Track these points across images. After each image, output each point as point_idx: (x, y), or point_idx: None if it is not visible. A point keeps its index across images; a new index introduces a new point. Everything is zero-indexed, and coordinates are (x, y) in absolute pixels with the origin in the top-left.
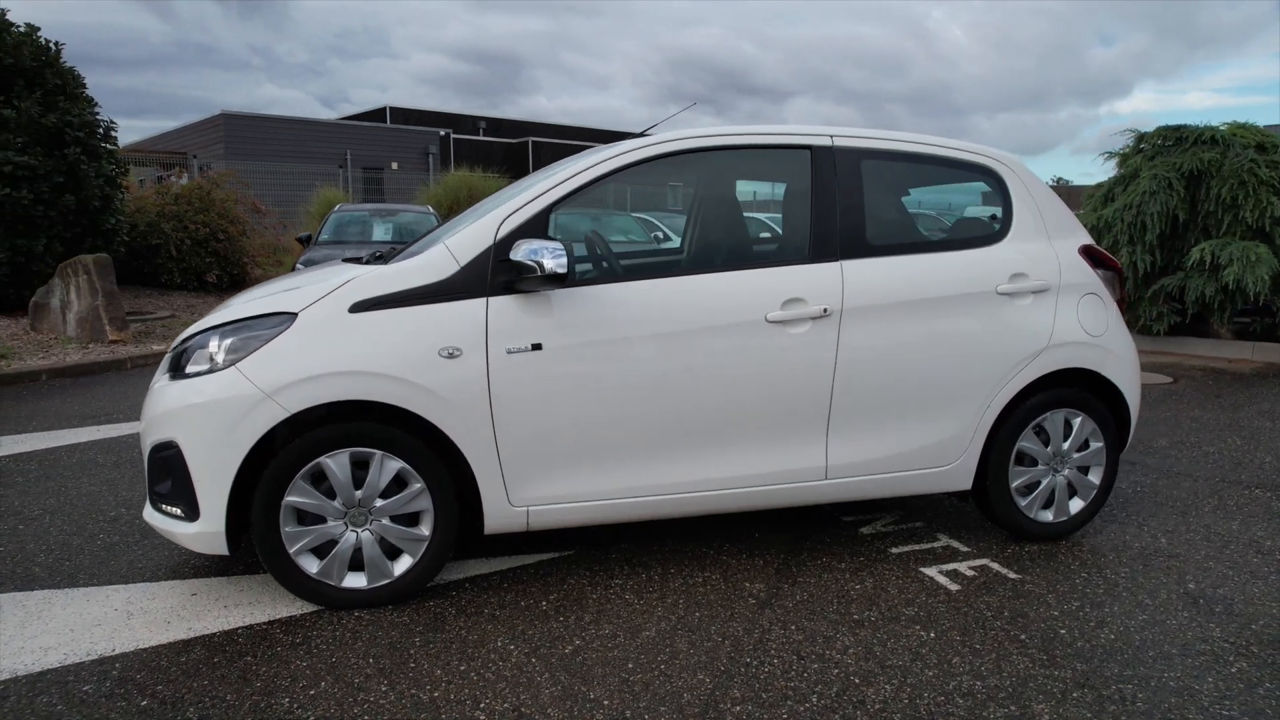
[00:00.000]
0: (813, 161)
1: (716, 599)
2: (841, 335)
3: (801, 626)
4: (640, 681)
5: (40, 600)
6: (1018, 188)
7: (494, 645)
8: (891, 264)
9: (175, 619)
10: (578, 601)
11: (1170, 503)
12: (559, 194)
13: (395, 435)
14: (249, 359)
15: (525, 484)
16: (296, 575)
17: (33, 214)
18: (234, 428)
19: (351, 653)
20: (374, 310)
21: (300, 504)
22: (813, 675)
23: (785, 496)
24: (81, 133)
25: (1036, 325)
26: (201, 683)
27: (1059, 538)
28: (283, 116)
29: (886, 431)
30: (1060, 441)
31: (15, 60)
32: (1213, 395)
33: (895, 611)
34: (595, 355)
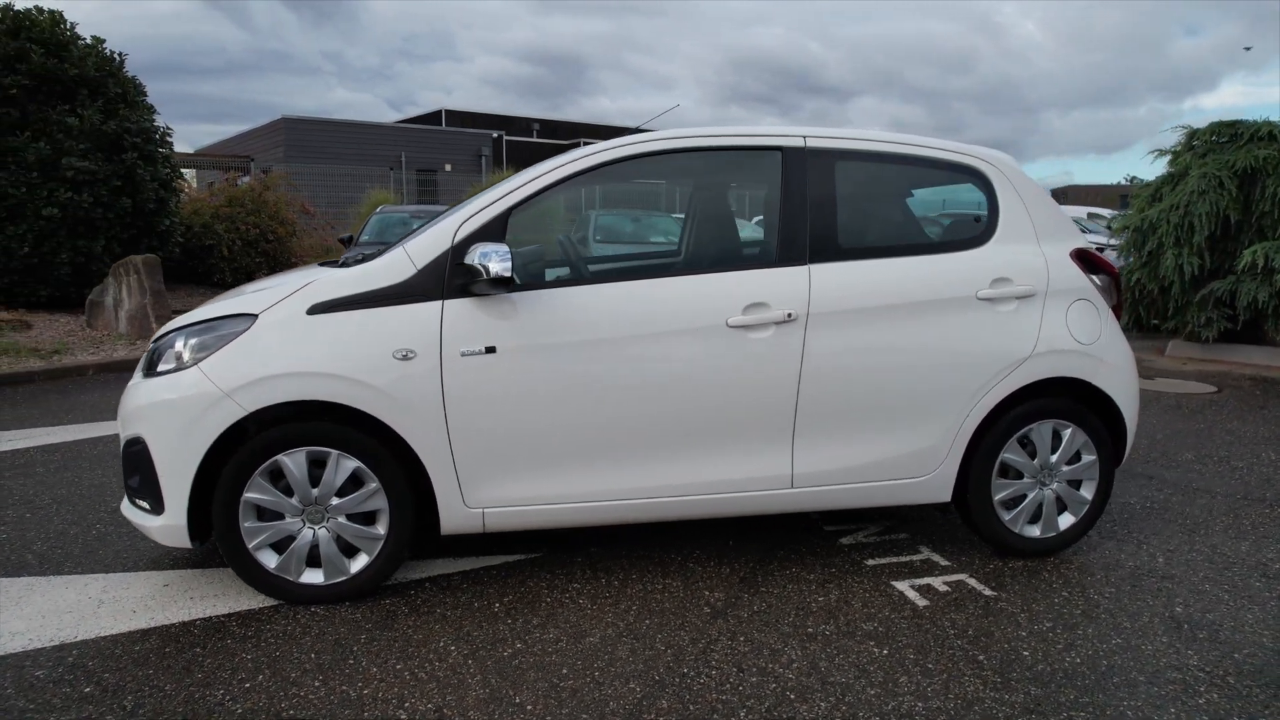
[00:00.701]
0: (784, 163)
1: (671, 607)
2: (807, 341)
3: (751, 638)
4: (570, 688)
5: (24, 586)
6: (1006, 189)
7: (436, 645)
8: (864, 268)
9: (141, 609)
10: (530, 605)
11: (1179, 520)
12: (518, 198)
13: (351, 435)
14: (210, 359)
15: (480, 486)
16: (256, 570)
17: (92, 216)
18: (194, 425)
19: (297, 647)
20: (331, 312)
21: (259, 500)
22: (748, 689)
23: (749, 505)
24: (139, 138)
25: (1020, 332)
26: (147, 672)
27: (1047, 554)
28: (341, 120)
29: (856, 440)
30: (1048, 454)
31: (80, 71)
32: (1257, 407)
33: (853, 626)
34: (550, 359)
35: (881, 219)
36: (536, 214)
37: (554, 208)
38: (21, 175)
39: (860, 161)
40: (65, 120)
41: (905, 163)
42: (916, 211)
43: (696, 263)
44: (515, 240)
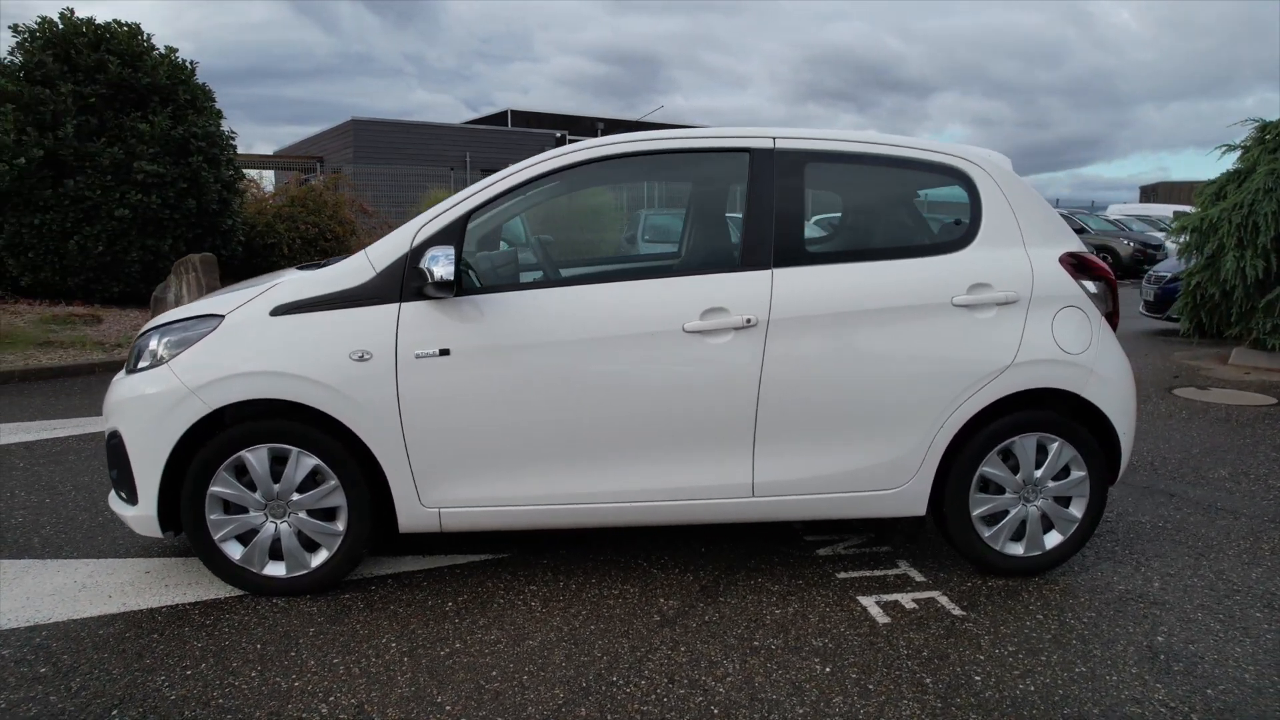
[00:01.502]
0: (751, 165)
1: (622, 613)
2: (768, 347)
3: (692, 649)
4: (494, 690)
5: (21, 568)
6: (990, 191)
7: (378, 641)
8: (831, 272)
9: (117, 594)
10: (482, 605)
11: (1190, 542)
12: (476, 202)
13: (311, 433)
14: (179, 357)
15: (436, 486)
16: (221, 561)
17: (160, 217)
18: (164, 420)
19: (247, 637)
20: (293, 314)
21: (224, 494)
22: (673, 701)
23: (708, 513)
24: (204, 143)
25: (1000, 340)
26: (102, 655)
27: (1031, 574)
28: (408, 121)
29: (820, 450)
30: (1031, 469)
31: (153, 80)
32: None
33: (803, 641)
34: (504, 362)
35: (853, 222)
36: (581, 212)
37: (604, 205)
38: (97, 179)
39: (832, 163)
40: (137, 126)
41: (881, 164)
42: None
43: (660, 267)
44: (554, 240)
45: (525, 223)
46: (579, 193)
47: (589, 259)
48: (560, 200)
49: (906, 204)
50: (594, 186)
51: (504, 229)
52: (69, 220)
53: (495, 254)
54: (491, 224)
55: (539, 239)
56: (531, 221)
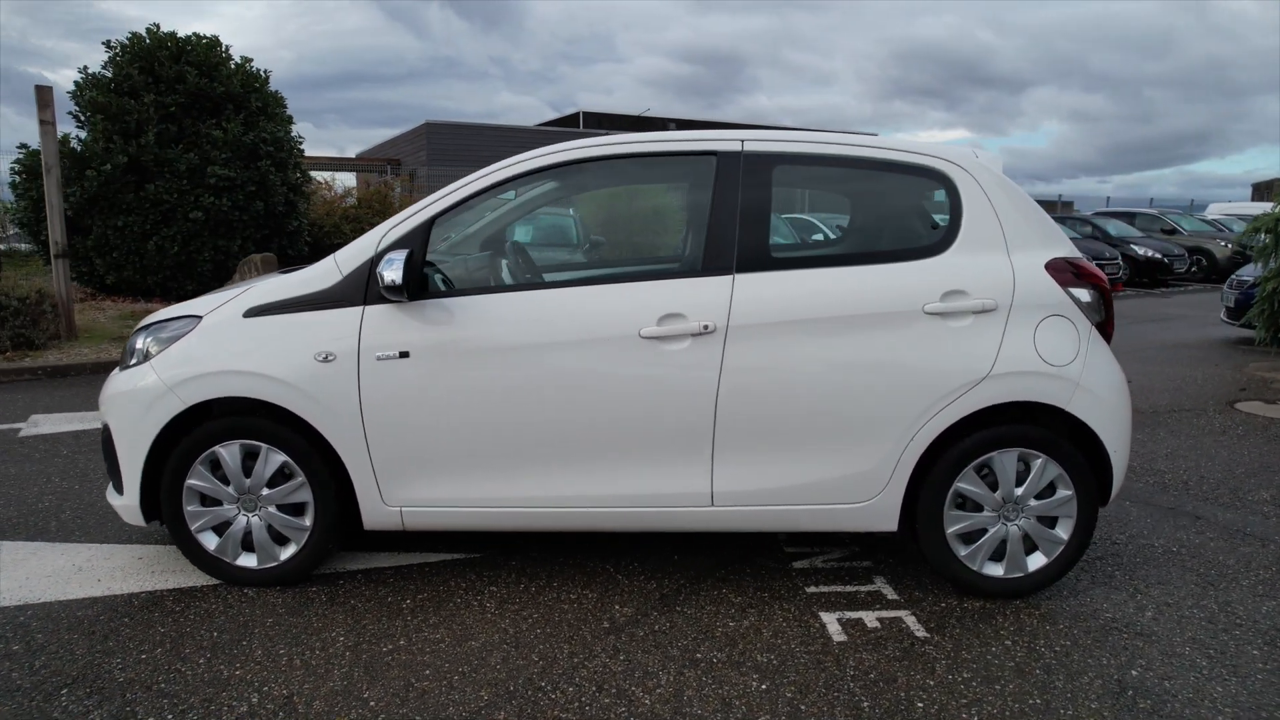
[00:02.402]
0: (717, 168)
1: (573, 618)
2: (726, 354)
3: (632, 658)
4: (421, 689)
5: (30, 550)
6: (973, 194)
7: (328, 635)
8: (796, 278)
9: (106, 578)
10: (437, 604)
11: (1202, 569)
12: (440, 207)
13: (280, 431)
14: (160, 356)
15: (398, 485)
16: (198, 550)
17: (231, 219)
18: (144, 415)
19: (207, 625)
20: (264, 316)
21: (200, 487)
22: (594, 710)
23: (666, 521)
24: (272, 147)
25: (975, 351)
26: (73, 636)
27: (1013, 596)
28: (481, 124)
29: (782, 460)
30: (1011, 486)
31: (227, 89)
32: None
33: (747, 656)
34: (462, 365)
35: (821, 225)
36: (643, 213)
37: (669, 207)
38: (174, 183)
39: (802, 165)
40: (212, 133)
41: (853, 166)
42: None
43: (622, 271)
44: (603, 240)
45: (579, 225)
46: (637, 192)
47: (569, 263)
48: (617, 201)
49: (881, 207)
50: (565, 190)
51: (556, 230)
52: (148, 222)
53: (471, 257)
54: (492, 226)
55: (513, 243)
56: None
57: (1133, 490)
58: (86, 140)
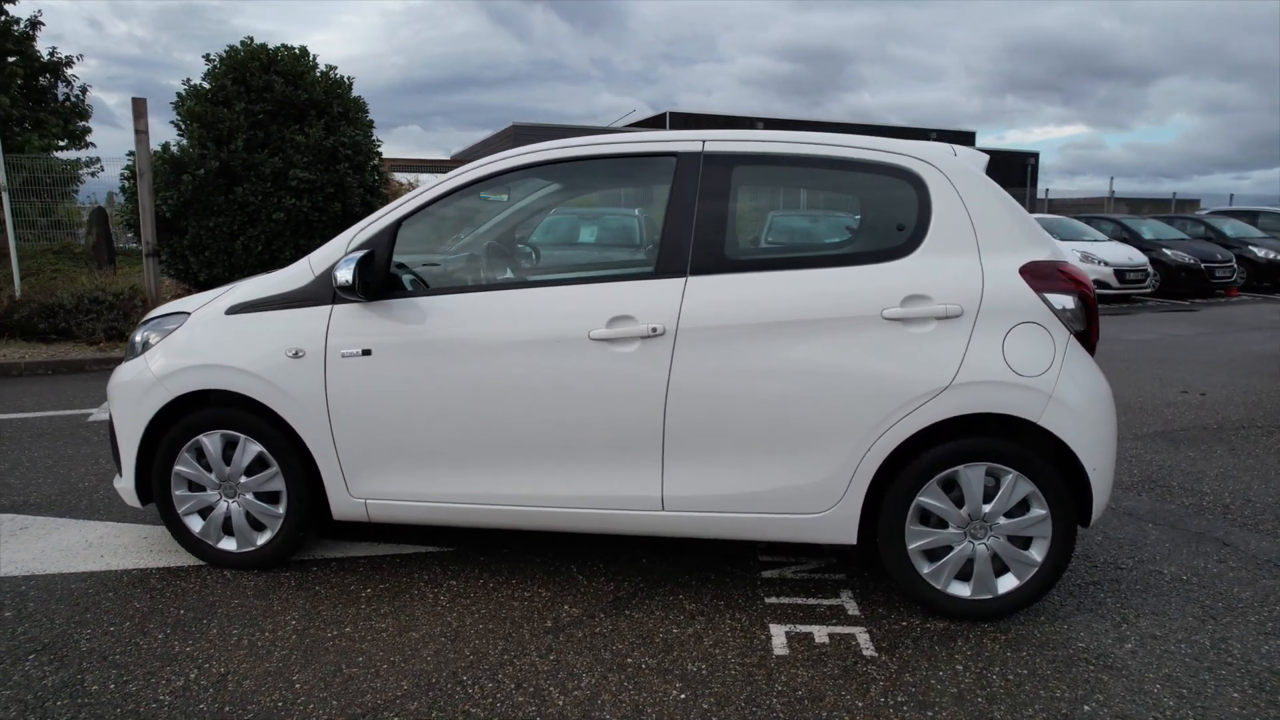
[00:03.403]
0: (676, 170)
1: (519, 615)
2: (676, 358)
3: (562, 659)
4: (348, 675)
5: (55, 525)
6: (944, 194)
7: (282, 618)
8: (751, 281)
9: (109, 554)
10: (395, 594)
11: (1208, 601)
12: (407, 209)
13: (258, 423)
14: (152, 349)
15: (362, 478)
16: (184, 533)
17: (310, 219)
18: (138, 405)
19: (178, 603)
20: (244, 313)
21: (186, 473)
22: (504, 708)
23: (618, 523)
24: (350, 151)
25: (937, 359)
26: (58, 606)
27: (981, 619)
28: (568, 126)
29: (734, 468)
30: (978, 502)
31: (310, 96)
32: None
33: (678, 664)
34: (419, 364)
35: (785, 228)
36: (741, 214)
37: (737, 209)
38: (260, 186)
39: (763, 166)
40: (294, 138)
41: (817, 165)
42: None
43: (579, 273)
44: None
45: (642, 226)
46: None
47: (548, 265)
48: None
49: (846, 208)
50: (532, 192)
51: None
52: (236, 223)
53: (448, 258)
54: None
55: (488, 244)
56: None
57: (1162, 511)
58: (184, 147)
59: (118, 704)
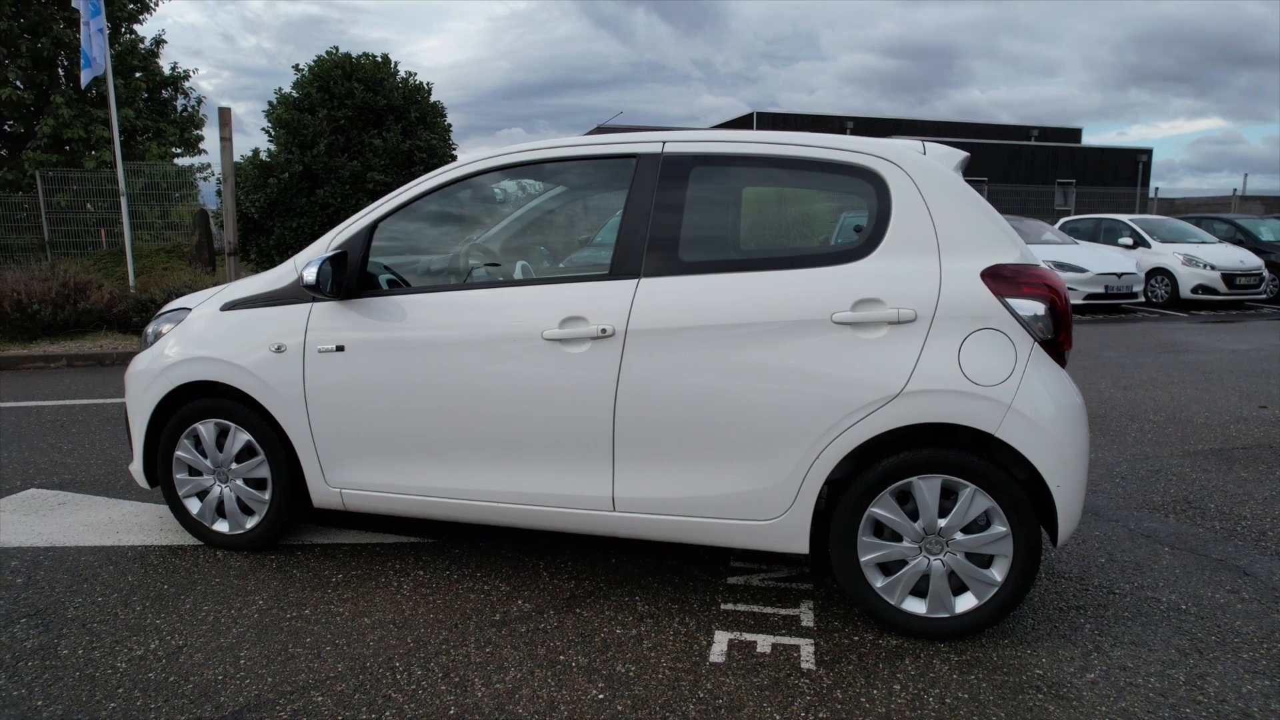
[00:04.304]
0: (635, 171)
1: (472, 607)
2: (625, 359)
3: (497, 653)
4: (289, 654)
5: (87, 502)
6: (905, 194)
7: (251, 598)
8: (702, 284)
9: (124, 531)
10: (362, 581)
11: (1200, 633)
12: (381, 212)
13: (247, 413)
14: (158, 342)
15: (337, 469)
16: (184, 514)
17: None
18: (144, 394)
19: (166, 579)
20: (236, 310)
21: (185, 458)
22: (423, 696)
23: (572, 522)
24: (425, 154)
25: (888, 365)
26: (62, 576)
27: (939, 639)
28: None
29: (683, 471)
30: (933, 516)
31: (389, 102)
32: None
33: (609, 665)
34: (386, 361)
35: (740, 229)
36: (794, 218)
37: (816, 213)
38: (339, 188)
39: (720, 166)
40: (373, 142)
41: (776, 165)
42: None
43: (538, 274)
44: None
45: (820, 226)
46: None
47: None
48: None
49: (803, 209)
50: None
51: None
52: (317, 224)
53: (431, 258)
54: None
55: (469, 245)
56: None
57: (1186, 535)
58: (272, 152)
59: (78, 668)
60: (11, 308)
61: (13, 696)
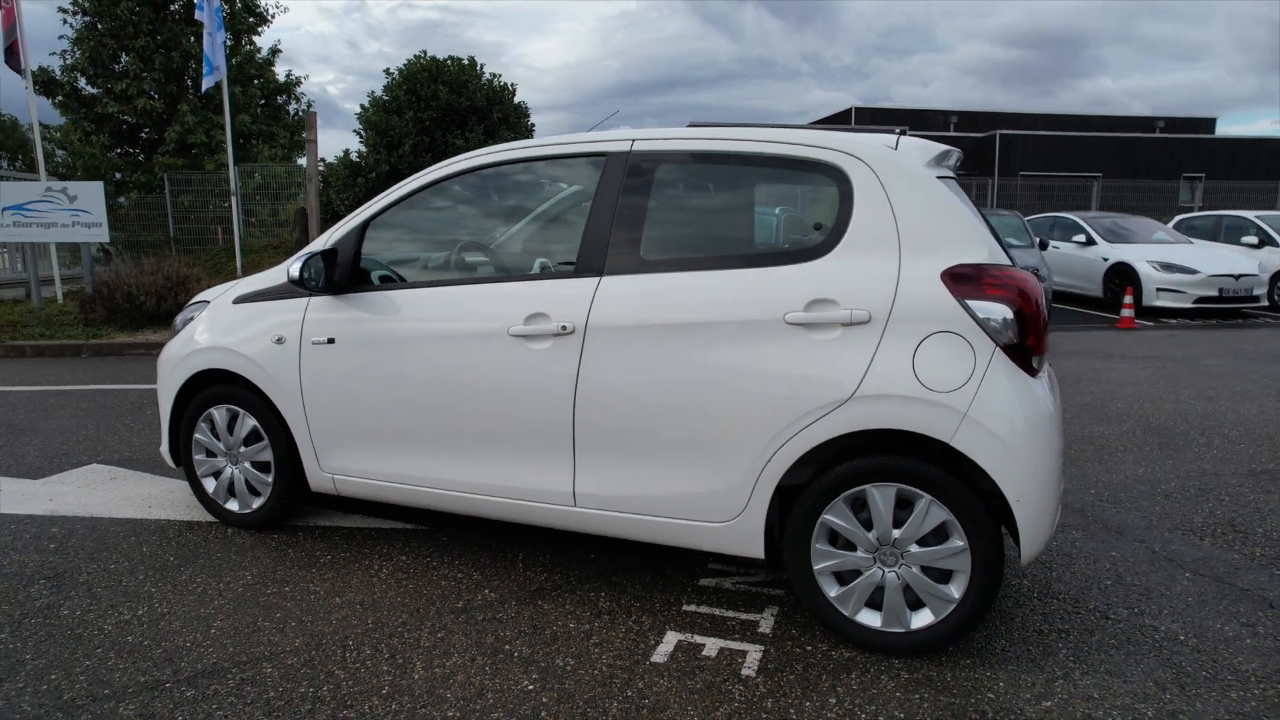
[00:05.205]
0: (604, 169)
1: (440, 594)
2: (584, 356)
3: (447, 639)
4: (257, 627)
5: (135, 479)
6: (869, 190)
7: (242, 574)
8: (661, 282)
9: (156, 506)
10: (347, 563)
11: (1191, 668)
12: (373, 210)
13: (253, 400)
14: (183, 331)
15: (330, 455)
16: (202, 493)
17: None
18: (168, 379)
19: (175, 552)
20: (246, 303)
21: (203, 441)
22: (363, 674)
23: (537, 515)
24: None
25: (840, 368)
26: (85, 544)
27: (894, 653)
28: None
29: (640, 468)
30: (887, 526)
31: (472, 103)
32: None
33: (549, 657)
34: (368, 353)
35: (702, 227)
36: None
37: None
38: None
39: (684, 164)
40: (455, 142)
41: (740, 162)
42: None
43: (510, 271)
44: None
45: (781, 224)
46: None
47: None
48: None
49: (768, 206)
50: (481, 193)
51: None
52: None
53: (420, 255)
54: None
55: (465, 242)
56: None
57: (1216, 560)
58: (362, 152)
59: (71, 628)
60: (122, 299)
61: (8, 648)
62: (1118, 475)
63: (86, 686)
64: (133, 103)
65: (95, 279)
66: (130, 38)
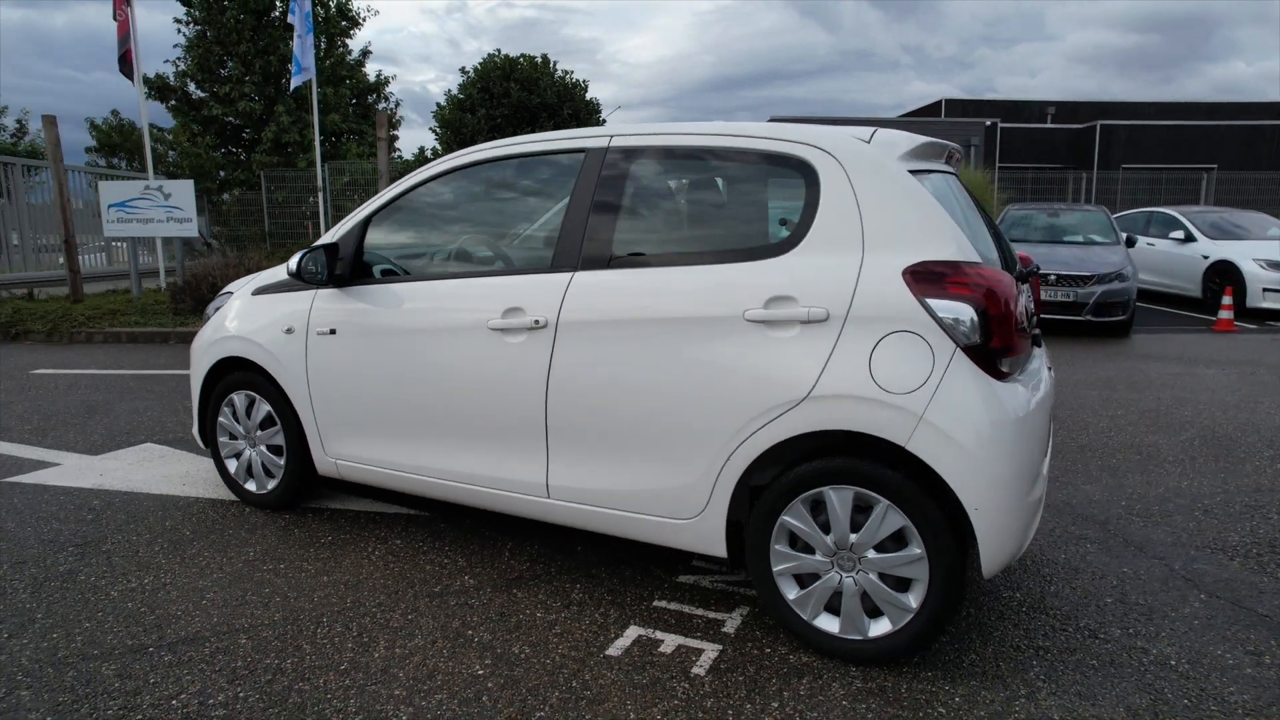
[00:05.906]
0: (582, 166)
1: (421, 578)
2: (556, 350)
3: (416, 622)
4: (245, 601)
5: (177, 457)
6: (836, 186)
7: (246, 550)
8: (630, 277)
9: (189, 485)
10: (344, 545)
11: (1175, 696)
12: (374, 207)
13: (267, 386)
14: (213, 319)
15: (333, 441)
16: (225, 473)
17: None
18: (197, 365)
19: (192, 527)
20: (263, 294)
21: (225, 424)
22: (329, 649)
23: (512, 505)
24: None
25: (797, 367)
26: (118, 517)
27: (853, 661)
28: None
29: (607, 463)
30: (844, 529)
31: (541, 100)
32: None
33: (507, 645)
34: (364, 344)
35: (673, 222)
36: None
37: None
38: None
39: (656, 159)
40: None
41: (710, 157)
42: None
43: (496, 266)
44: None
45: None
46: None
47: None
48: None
49: (736, 201)
50: (470, 189)
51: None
52: None
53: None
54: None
55: (465, 238)
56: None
57: (1242, 583)
58: (437, 150)
59: (81, 593)
60: (208, 290)
61: (24, 607)
62: (1157, 488)
63: (80, 646)
64: (234, 105)
65: (185, 271)
66: (234, 44)
